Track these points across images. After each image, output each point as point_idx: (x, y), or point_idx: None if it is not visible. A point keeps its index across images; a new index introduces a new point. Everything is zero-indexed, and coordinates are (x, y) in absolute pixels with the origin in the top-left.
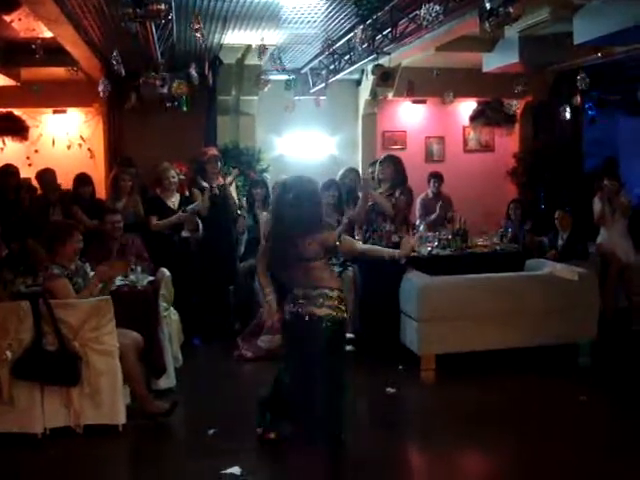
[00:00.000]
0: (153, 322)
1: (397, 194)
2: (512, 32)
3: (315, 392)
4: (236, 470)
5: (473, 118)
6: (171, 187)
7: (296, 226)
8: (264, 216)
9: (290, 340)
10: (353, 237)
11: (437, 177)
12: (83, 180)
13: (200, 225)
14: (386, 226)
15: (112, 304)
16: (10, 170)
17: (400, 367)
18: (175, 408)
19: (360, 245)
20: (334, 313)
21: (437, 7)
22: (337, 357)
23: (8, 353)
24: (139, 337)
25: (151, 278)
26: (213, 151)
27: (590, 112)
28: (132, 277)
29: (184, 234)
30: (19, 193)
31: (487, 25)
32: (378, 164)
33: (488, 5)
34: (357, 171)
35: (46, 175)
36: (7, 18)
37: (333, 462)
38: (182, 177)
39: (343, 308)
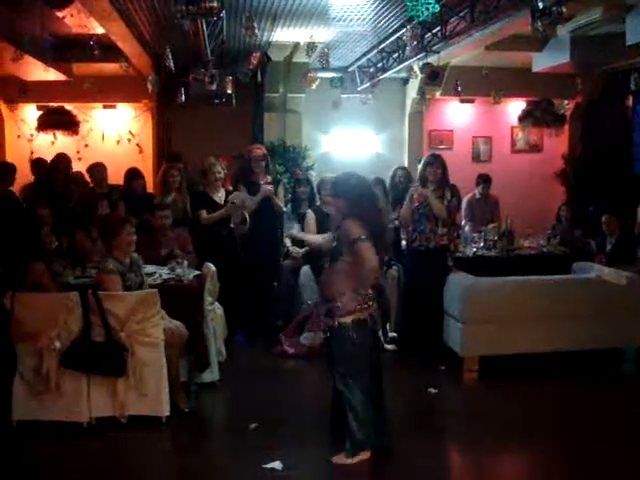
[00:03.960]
0: (198, 316)
1: (448, 196)
2: (563, 32)
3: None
4: (277, 465)
5: (522, 118)
6: (217, 182)
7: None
8: (310, 214)
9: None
10: (399, 238)
11: (486, 180)
12: (134, 174)
13: (247, 218)
14: (437, 229)
15: (159, 297)
16: (59, 166)
17: (442, 368)
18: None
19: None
20: None
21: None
22: None
23: (57, 343)
24: (184, 329)
25: (197, 272)
26: (259, 149)
27: None
28: (179, 271)
29: (232, 226)
30: (68, 186)
31: (539, 24)
32: (427, 165)
33: (540, 4)
34: (406, 169)
35: (96, 169)
36: (59, 14)
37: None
38: (226, 172)
39: None
